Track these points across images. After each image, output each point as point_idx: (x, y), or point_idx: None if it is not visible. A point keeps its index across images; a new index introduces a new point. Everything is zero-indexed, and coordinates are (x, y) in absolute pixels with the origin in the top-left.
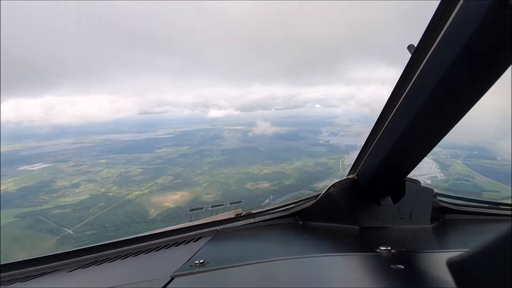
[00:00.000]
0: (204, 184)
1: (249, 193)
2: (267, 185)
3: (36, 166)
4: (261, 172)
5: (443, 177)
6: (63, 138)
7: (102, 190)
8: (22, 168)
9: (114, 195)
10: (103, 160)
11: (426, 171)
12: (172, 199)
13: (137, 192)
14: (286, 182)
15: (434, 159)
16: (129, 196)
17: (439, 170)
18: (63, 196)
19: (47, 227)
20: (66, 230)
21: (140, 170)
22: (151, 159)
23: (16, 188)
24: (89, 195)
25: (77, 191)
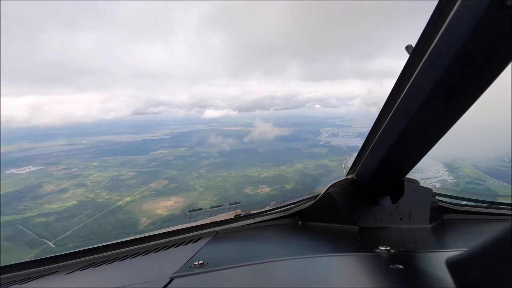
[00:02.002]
0: (200, 189)
1: (248, 198)
2: (267, 189)
3: (25, 169)
4: (261, 175)
5: (453, 181)
6: (57, 140)
7: (91, 195)
8: (10, 171)
9: (103, 201)
10: (95, 163)
11: (434, 174)
12: (165, 205)
13: (128, 198)
14: (287, 186)
15: (440, 161)
16: (119, 202)
17: (448, 173)
18: (48, 202)
19: (27, 238)
20: (47, 243)
21: (134, 173)
22: (146, 161)
23: (1, 193)
24: (76, 201)
25: (64, 196)
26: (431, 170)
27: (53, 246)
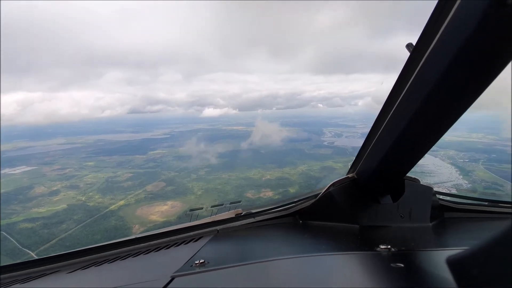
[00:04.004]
0: (199, 192)
1: (250, 203)
2: (270, 193)
3: (18, 170)
4: (263, 178)
5: (468, 185)
6: (54, 138)
7: (83, 198)
8: (3, 171)
9: (94, 205)
10: (91, 163)
11: (447, 177)
12: (161, 210)
13: (122, 202)
14: (291, 190)
15: (452, 164)
16: (112, 206)
17: (461, 176)
18: (37, 205)
19: (8, 248)
20: (29, 253)
21: (130, 174)
22: (143, 161)
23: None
24: (67, 205)
25: (55, 199)
26: (443, 173)
27: (35, 257)
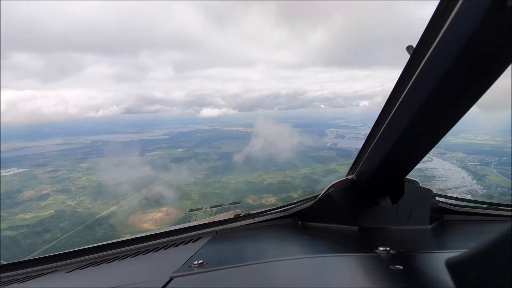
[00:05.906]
0: (197, 197)
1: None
2: (272, 199)
3: (10, 172)
4: (264, 182)
5: (483, 191)
6: (51, 139)
7: (72, 203)
8: None
9: (83, 211)
10: (85, 165)
11: (459, 182)
12: (155, 218)
13: (113, 208)
14: (294, 195)
15: (462, 167)
16: (103, 213)
17: (475, 181)
18: (24, 211)
19: None
20: None
21: (125, 177)
22: (140, 163)
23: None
24: (54, 210)
25: (43, 204)
26: (455, 178)
27: None
